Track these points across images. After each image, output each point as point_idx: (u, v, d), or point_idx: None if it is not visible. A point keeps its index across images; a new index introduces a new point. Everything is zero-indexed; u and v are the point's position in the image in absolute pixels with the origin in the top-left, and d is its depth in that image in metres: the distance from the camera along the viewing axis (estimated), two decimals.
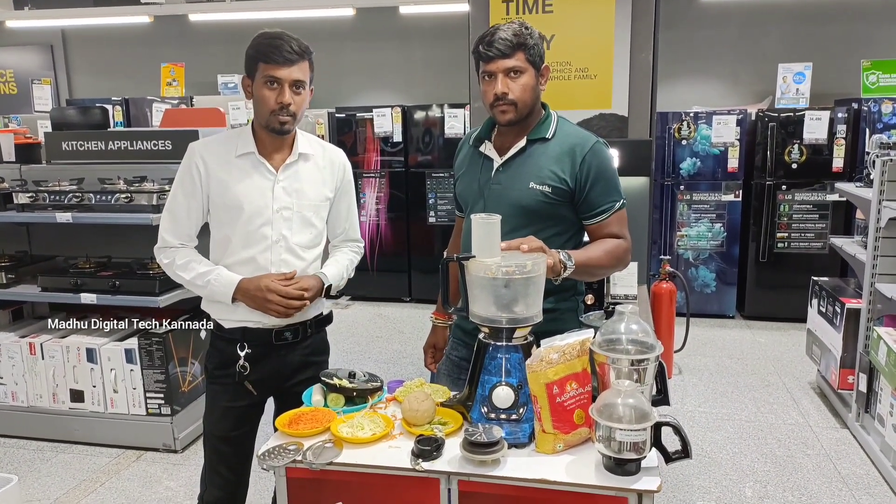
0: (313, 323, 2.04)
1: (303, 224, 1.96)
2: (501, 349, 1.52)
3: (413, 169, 6.01)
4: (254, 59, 1.84)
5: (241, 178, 1.89)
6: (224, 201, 1.90)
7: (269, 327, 1.95)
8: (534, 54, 1.77)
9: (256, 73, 1.84)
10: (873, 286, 3.32)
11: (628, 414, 1.34)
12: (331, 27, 6.89)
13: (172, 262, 1.94)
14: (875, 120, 5.04)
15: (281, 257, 1.93)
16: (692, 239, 5.48)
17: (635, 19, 3.24)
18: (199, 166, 1.90)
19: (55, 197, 3.29)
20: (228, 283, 1.89)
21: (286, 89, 1.82)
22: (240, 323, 1.94)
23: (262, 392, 2.02)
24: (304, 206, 1.95)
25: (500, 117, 1.80)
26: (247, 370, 1.94)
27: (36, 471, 3.24)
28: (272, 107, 1.83)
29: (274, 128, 1.86)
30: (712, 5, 6.09)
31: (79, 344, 3.35)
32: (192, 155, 1.92)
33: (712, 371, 4.43)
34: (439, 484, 1.42)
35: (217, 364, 2.00)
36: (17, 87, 7.88)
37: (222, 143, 1.96)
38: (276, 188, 1.90)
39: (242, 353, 1.93)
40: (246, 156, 1.91)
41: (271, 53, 1.80)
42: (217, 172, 1.90)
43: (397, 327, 5.51)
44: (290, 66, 1.81)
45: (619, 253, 1.82)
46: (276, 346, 1.97)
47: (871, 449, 3.24)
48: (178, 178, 1.94)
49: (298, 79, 1.83)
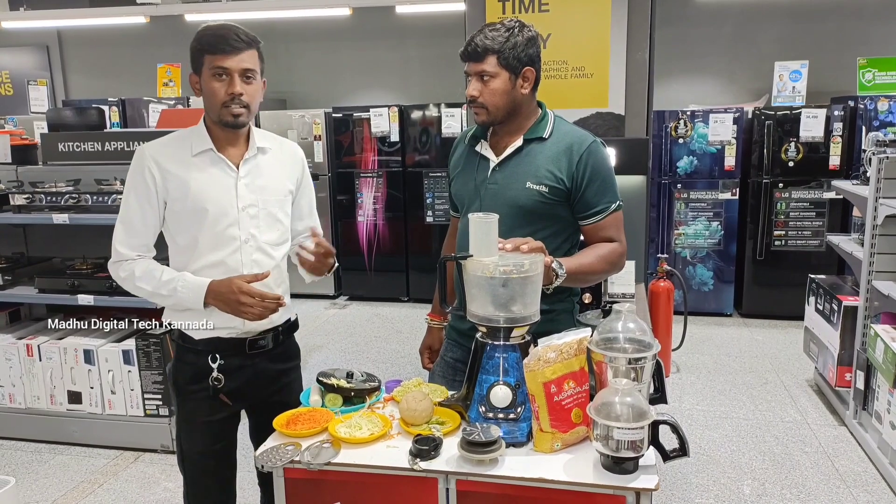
0: (285, 329, 1.97)
1: (270, 221, 1.87)
2: (499, 348, 1.52)
3: (410, 168, 6.01)
4: (199, 52, 1.75)
5: (201, 177, 1.79)
6: (186, 204, 1.79)
7: (243, 336, 1.86)
8: (509, 58, 1.75)
9: (203, 66, 1.75)
10: (870, 283, 3.32)
11: (626, 412, 1.34)
12: (327, 27, 6.88)
13: (131, 276, 1.81)
14: (871, 117, 5.05)
15: (252, 258, 1.84)
16: (689, 237, 5.48)
17: (631, 18, 3.24)
18: (153, 170, 1.79)
19: (52, 198, 3.28)
20: (198, 287, 1.77)
21: (236, 79, 1.73)
22: (212, 333, 1.84)
23: (238, 403, 1.94)
24: (269, 201, 1.87)
25: (475, 118, 1.84)
26: (221, 382, 1.85)
27: (34, 473, 3.24)
28: (223, 98, 1.74)
29: (227, 121, 1.77)
30: (708, 3, 6.09)
31: (76, 345, 3.35)
32: (143, 159, 1.80)
33: (710, 369, 4.43)
34: (437, 483, 1.42)
35: (189, 378, 1.89)
36: (12, 88, 7.86)
37: (175, 143, 1.85)
38: (239, 185, 1.82)
39: (215, 365, 1.84)
40: (203, 154, 1.81)
41: (217, 44, 1.72)
42: (174, 174, 1.79)
43: (395, 327, 5.51)
44: (239, 54, 1.72)
45: (612, 258, 1.82)
46: (250, 355, 1.89)
47: (868, 446, 3.25)
48: (130, 184, 1.82)
49: (248, 67, 1.75)
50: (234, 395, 1.89)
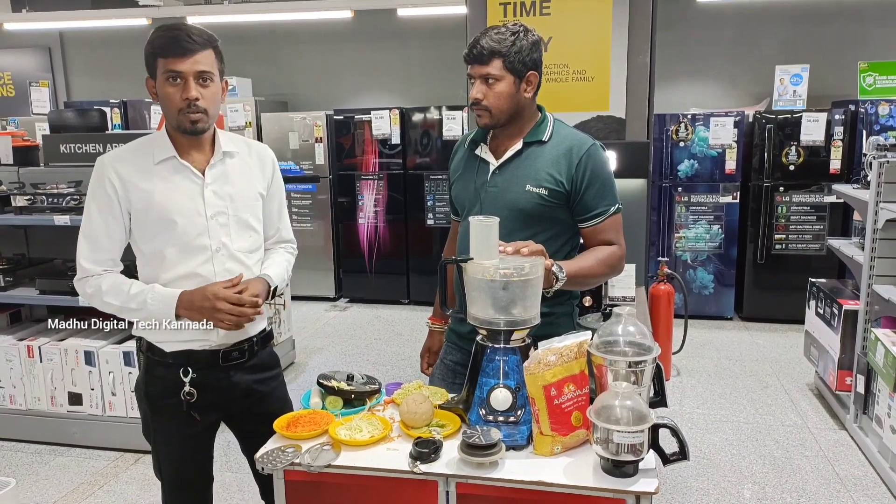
0: (259, 339, 1.89)
1: (240, 227, 1.81)
2: (499, 351, 1.52)
3: (411, 171, 6.02)
4: (152, 55, 1.67)
5: (165, 186, 1.72)
6: (151, 214, 1.72)
7: (216, 348, 1.80)
8: (514, 62, 1.76)
9: (157, 70, 1.67)
10: (871, 288, 3.32)
11: (626, 416, 1.34)
12: (329, 29, 6.89)
13: (98, 292, 1.72)
14: (872, 122, 5.05)
15: (225, 267, 1.77)
16: (690, 241, 5.49)
17: (632, 21, 3.25)
18: (114, 181, 1.71)
19: (53, 199, 3.29)
20: (168, 298, 1.70)
21: (190, 83, 1.65)
22: (183, 345, 1.77)
23: (213, 415, 1.88)
24: (238, 207, 1.80)
25: (477, 120, 1.84)
26: (193, 397, 1.78)
27: (34, 474, 3.24)
28: (178, 104, 1.66)
29: (185, 128, 1.70)
30: (709, 7, 6.10)
31: (77, 347, 3.35)
32: (103, 169, 1.72)
33: (710, 373, 4.43)
34: (437, 486, 1.42)
35: (159, 393, 1.82)
36: (14, 89, 7.87)
37: (136, 151, 1.77)
38: (206, 192, 1.75)
39: (187, 379, 1.77)
40: (166, 161, 1.74)
41: (169, 46, 1.64)
42: (137, 184, 1.71)
43: (396, 329, 5.51)
44: (192, 56, 1.64)
45: (611, 261, 1.82)
46: (223, 368, 1.82)
47: (868, 450, 3.25)
48: (91, 197, 1.74)
49: (203, 70, 1.66)
50: (207, 409, 1.83)
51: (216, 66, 1.71)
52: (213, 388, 1.82)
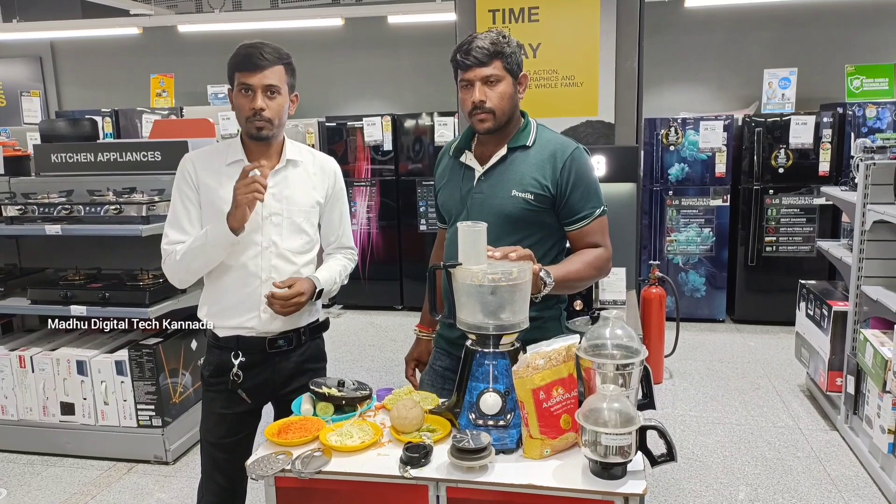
0: (307, 330, 2.06)
1: (293, 230, 1.99)
2: (488, 356, 1.53)
3: (404, 177, 6.03)
4: (231, 69, 1.90)
5: (229, 185, 1.90)
6: (214, 208, 1.93)
7: (263, 335, 1.97)
8: (511, 62, 1.78)
9: (234, 82, 1.90)
10: (859, 289, 3.35)
11: (614, 418, 1.35)
12: (320, 37, 6.92)
13: (173, 255, 1.94)
14: (860, 124, 5.10)
15: (271, 263, 1.96)
16: (681, 244, 5.52)
17: (620, 27, 3.27)
18: (191, 173, 1.97)
19: (44, 209, 3.28)
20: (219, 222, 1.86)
21: (258, 95, 1.85)
22: (234, 331, 1.98)
23: (257, 400, 2.04)
24: (293, 211, 1.98)
25: (478, 126, 1.81)
26: (240, 378, 1.97)
27: (26, 485, 3.22)
28: (247, 113, 1.88)
29: (252, 134, 1.90)
30: (698, 11, 6.15)
31: (69, 356, 3.34)
32: (184, 163, 2.00)
33: (703, 375, 4.45)
34: (428, 491, 1.42)
35: (212, 371, 2.03)
36: (5, 99, 7.86)
37: (212, 152, 2.01)
38: (266, 194, 1.91)
39: (236, 362, 1.96)
40: (235, 164, 1.95)
41: (243, 62, 1.86)
42: (205, 180, 1.95)
43: (389, 335, 5.52)
44: (262, 72, 1.85)
45: (598, 263, 1.84)
46: (271, 354, 1.99)
47: (859, 450, 3.27)
48: (175, 189, 1.99)
49: (271, 83, 1.86)
50: (253, 392, 2.00)
51: (285, 81, 1.91)
52: (259, 373, 2.00)
